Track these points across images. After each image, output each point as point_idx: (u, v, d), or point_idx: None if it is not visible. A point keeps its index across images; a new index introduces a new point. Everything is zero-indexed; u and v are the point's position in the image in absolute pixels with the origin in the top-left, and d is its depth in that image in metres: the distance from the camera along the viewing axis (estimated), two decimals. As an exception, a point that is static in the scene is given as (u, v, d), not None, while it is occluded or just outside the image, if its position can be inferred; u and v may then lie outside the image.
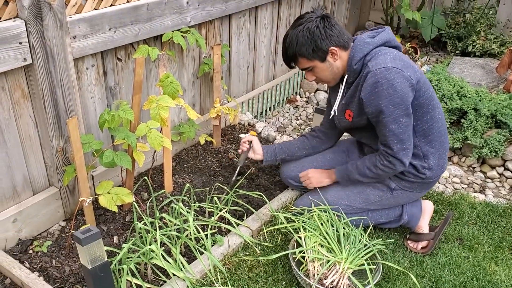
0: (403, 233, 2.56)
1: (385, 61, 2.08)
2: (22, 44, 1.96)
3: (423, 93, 2.16)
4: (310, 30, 2.15)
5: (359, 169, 2.33)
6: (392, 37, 2.22)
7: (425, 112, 2.20)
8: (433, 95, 2.22)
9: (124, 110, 2.14)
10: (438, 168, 2.34)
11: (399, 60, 2.09)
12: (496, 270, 2.34)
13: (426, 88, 2.18)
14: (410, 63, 2.13)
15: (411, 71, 2.09)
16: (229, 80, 3.41)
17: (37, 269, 2.17)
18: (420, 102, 2.16)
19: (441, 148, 2.31)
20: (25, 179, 2.28)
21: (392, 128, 2.11)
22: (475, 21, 4.31)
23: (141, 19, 2.45)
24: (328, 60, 2.21)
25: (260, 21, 3.46)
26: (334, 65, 2.23)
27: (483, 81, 3.73)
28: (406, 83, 2.06)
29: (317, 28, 2.14)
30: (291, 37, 2.21)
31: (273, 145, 2.69)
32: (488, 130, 3.16)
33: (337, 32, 2.17)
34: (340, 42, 2.18)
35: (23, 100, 2.13)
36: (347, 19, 4.73)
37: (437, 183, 2.99)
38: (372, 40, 2.17)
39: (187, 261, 2.19)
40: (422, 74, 2.19)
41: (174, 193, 2.70)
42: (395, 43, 2.22)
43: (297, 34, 2.18)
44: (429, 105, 2.19)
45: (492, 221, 2.66)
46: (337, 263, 2.10)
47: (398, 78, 2.04)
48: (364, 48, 2.15)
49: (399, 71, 2.05)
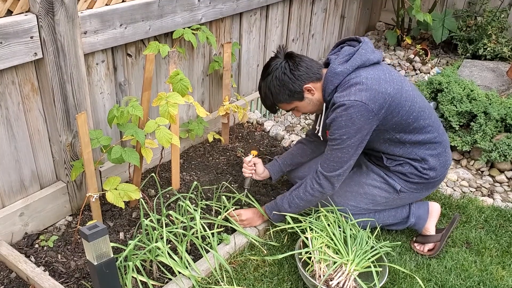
0: (410, 235, 2.54)
1: (349, 94, 2.08)
2: (33, 39, 1.96)
3: (397, 113, 2.15)
4: (278, 78, 2.20)
5: (289, 200, 2.33)
6: (366, 57, 2.15)
7: (405, 126, 2.20)
8: (413, 107, 2.18)
9: (133, 106, 2.14)
10: (441, 167, 2.34)
11: (365, 91, 2.07)
12: (503, 275, 2.32)
13: (401, 106, 2.15)
14: (379, 90, 2.08)
15: (378, 101, 2.08)
16: (238, 78, 3.40)
17: (43, 264, 2.17)
18: (395, 121, 2.17)
19: (437, 148, 2.31)
20: (33, 173, 2.28)
21: (338, 155, 2.16)
22: (486, 24, 4.27)
23: (152, 16, 2.45)
24: (306, 97, 2.25)
25: (271, 19, 3.45)
26: (313, 98, 2.26)
27: (494, 85, 3.70)
28: (366, 116, 2.07)
29: (284, 74, 2.19)
30: (264, 89, 2.28)
31: (277, 161, 2.67)
32: (498, 134, 3.14)
33: (305, 69, 2.20)
34: (311, 77, 2.20)
35: (32, 94, 2.13)
36: (358, 19, 4.71)
37: (445, 186, 2.98)
38: (343, 70, 2.14)
39: (193, 259, 2.19)
40: (398, 93, 2.13)
41: (181, 190, 2.70)
42: (372, 61, 2.16)
43: (268, 86, 2.24)
44: (408, 119, 2.18)
45: (500, 225, 2.64)
46: (344, 265, 2.09)
47: (358, 112, 2.06)
48: (334, 80, 2.16)
49: (361, 105, 2.05)
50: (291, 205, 2.32)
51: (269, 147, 3.21)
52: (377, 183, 2.38)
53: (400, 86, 2.16)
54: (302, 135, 3.60)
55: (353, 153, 2.16)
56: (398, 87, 2.15)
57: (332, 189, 2.24)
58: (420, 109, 2.22)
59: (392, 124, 2.18)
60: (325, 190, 2.24)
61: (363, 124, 2.09)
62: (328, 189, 2.24)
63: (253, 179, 2.66)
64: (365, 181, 2.40)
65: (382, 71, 2.17)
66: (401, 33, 4.63)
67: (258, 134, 3.36)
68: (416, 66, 4.35)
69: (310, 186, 2.26)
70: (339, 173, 2.19)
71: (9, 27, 1.88)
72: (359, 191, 2.39)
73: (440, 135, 2.32)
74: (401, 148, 2.27)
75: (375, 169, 2.41)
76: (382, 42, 4.82)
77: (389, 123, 2.17)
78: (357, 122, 2.08)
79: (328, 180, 2.21)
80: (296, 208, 2.33)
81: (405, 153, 2.29)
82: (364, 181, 2.40)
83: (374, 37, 4.90)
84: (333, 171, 2.19)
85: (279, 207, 2.36)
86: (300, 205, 2.31)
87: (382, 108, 2.10)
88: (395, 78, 2.18)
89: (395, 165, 2.33)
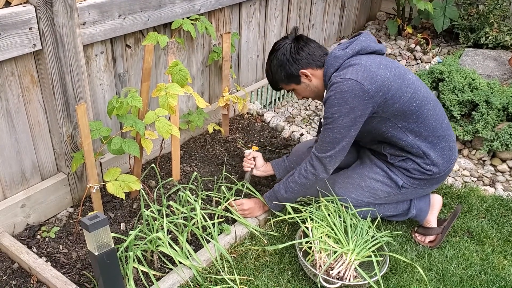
0: (411, 225, 2.54)
1: (345, 73, 2.08)
2: (32, 30, 1.96)
3: (398, 98, 2.13)
4: (278, 58, 2.26)
5: (285, 185, 2.33)
6: (367, 43, 2.19)
7: (408, 114, 2.18)
8: (415, 95, 2.17)
9: (133, 97, 2.14)
10: (444, 162, 2.30)
11: (362, 71, 2.07)
12: (504, 264, 2.32)
13: (402, 92, 2.14)
14: (377, 72, 2.08)
15: (376, 82, 2.07)
16: (238, 69, 3.39)
17: (45, 255, 2.18)
18: (397, 107, 2.15)
19: (440, 142, 2.28)
20: (34, 165, 2.29)
21: (330, 135, 2.15)
22: (488, 13, 4.24)
23: (151, 6, 2.44)
24: (303, 81, 2.28)
25: (270, 9, 3.43)
26: (310, 84, 2.28)
27: (495, 74, 3.69)
28: (360, 96, 2.05)
29: (284, 55, 2.24)
30: (267, 67, 2.35)
31: (285, 162, 2.64)
32: (500, 123, 3.13)
33: (306, 54, 2.22)
34: (311, 63, 2.23)
35: (32, 86, 2.13)
36: (358, 9, 4.68)
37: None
38: (343, 53, 2.17)
39: (193, 249, 2.19)
40: (399, 79, 2.13)
41: (181, 181, 2.70)
42: (372, 48, 2.20)
43: (270, 64, 2.32)
44: (411, 106, 2.16)
45: (501, 215, 2.64)
46: (344, 254, 2.09)
47: (352, 91, 2.05)
48: (335, 63, 2.17)
49: (356, 84, 2.05)
50: (287, 190, 2.32)
51: (269, 138, 3.21)
52: (380, 177, 2.36)
53: (402, 74, 2.16)
54: (302, 126, 3.60)
55: (346, 135, 2.13)
56: (400, 74, 2.15)
57: (325, 171, 2.23)
58: (424, 98, 2.20)
59: (393, 110, 2.15)
60: (318, 172, 2.23)
61: (357, 104, 2.07)
62: (321, 171, 2.23)
63: (253, 174, 2.64)
64: (367, 174, 2.39)
65: (384, 59, 2.18)
66: (402, 23, 4.60)
67: (258, 125, 3.35)
68: (417, 56, 4.33)
69: (304, 169, 2.27)
70: (331, 154, 2.17)
71: (8, 18, 1.87)
72: (360, 184, 2.38)
73: (444, 129, 2.28)
74: (404, 140, 2.24)
75: (379, 163, 2.39)
76: (383, 32, 4.80)
77: (390, 109, 2.14)
78: (350, 102, 2.06)
79: (320, 161, 2.21)
80: (292, 193, 2.32)
81: (407, 146, 2.24)
82: (366, 174, 2.39)
83: (374, 27, 4.88)
84: (325, 152, 2.18)
85: (276, 193, 2.36)
86: (296, 190, 2.30)
87: (379, 91, 2.08)
88: (397, 67, 2.18)
89: (398, 161, 2.32)
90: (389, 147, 2.32)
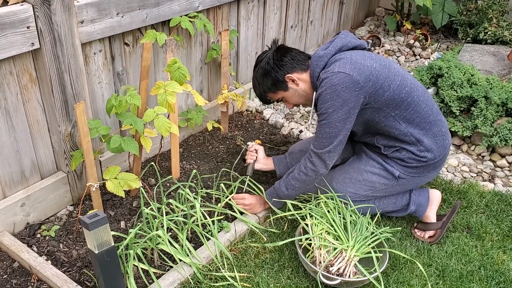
0: (410, 221, 2.55)
1: (333, 68, 2.12)
2: (29, 29, 1.96)
3: (388, 87, 2.16)
4: (262, 68, 2.32)
5: (286, 182, 2.35)
6: (347, 39, 2.25)
7: (399, 102, 2.20)
8: (404, 82, 2.21)
9: (132, 95, 2.14)
10: (438, 147, 2.32)
11: (349, 64, 2.11)
12: (504, 259, 2.33)
13: (391, 80, 2.17)
14: (364, 63, 2.13)
15: (364, 73, 2.10)
16: (237, 66, 3.39)
17: (45, 253, 2.18)
18: (388, 96, 2.17)
19: (432, 127, 2.30)
20: (33, 163, 2.29)
21: (326, 131, 2.16)
22: (487, 8, 4.23)
23: (149, 4, 2.44)
24: (290, 87, 2.31)
25: (268, 6, 3.42)
26: (298, 89, 2.31)
27: (494, 69, 3.68)
28: (351, 88, 2.08)
29: (268, 64, 2.30)
30: (253, 80, 2.40)
31: (286, 159, 2.65)
32: (499, 119, 3.13)
33: (289, 59, 2.28)
34: (295, 67, 2.28)
35: (31, 84, 2.13)
36: (357, 5, 4.68)
37: (445, 172, 2.97)
38: (326, 52, 2.21)
39: (193, 247, 2.20)
40: (385, 68, 2.18)
41: (181, 179, 2.70)
42: (354, 43, 2.25)
43: (255, 76, 2.38)
44: (401, 93, 2.19)
45: (501, 210, 2.64)
46: (344, 251, 2.09)
47: (342, 83, 2.08)
48: (320, 63, 2.21)
49: (345, 76, 2.08)
50: (287, 187, 2.33)
51: (268, 135, 3.21)
52: (376, 170, 2.38)
53: (387, 63, 2.21)
54: (302, 123, 3.59)
55: (342, 128, 2.15)
56: (385, 63, 2.20)
57: (324, 167, 2.24)
58: (412, 84, 2.24)
59: (385, 99, 2.17)
60: (317, 168, 2.24)
61: (349, 96, 2.09)
62: (321, 167, 2.24)
63: (255, 168, 2.65)
64: (364, 168, 2.40)
65: (367, 52, 2.24)
66: (401, 18, 4.59)
67: (257, 122, 3.35)
68: (416, 52, 4.33)
69: (303, 166, 2.28)
70: (329, 149, 2.19)
71: (5, 17, 1.87)
72: (358, 178, 2.39)
73: (434, 114, 2.31)
74: (397, 129, 2.25)
75: (374, 156, 2.41)
76: (382, 28, 4.79)
77: (381, 99, 2.17)
78: (342, 94, 2.08)
79: (319, 157, 2.22)
80: (293, 190, 2.33)
81: (400, 134, 2.26)
82: (363, 168, 2.40)
83: (373, 23, 4.87)
84: (323, 148, 2.19)
85: (277, 190, 2.37)
86: (296, 187, 2.31)
87: (368, 81, 2.11)
88: (381, 58, 2.23)
89: (392, 152, 2.33)
90: (382, 138, 2.33)
